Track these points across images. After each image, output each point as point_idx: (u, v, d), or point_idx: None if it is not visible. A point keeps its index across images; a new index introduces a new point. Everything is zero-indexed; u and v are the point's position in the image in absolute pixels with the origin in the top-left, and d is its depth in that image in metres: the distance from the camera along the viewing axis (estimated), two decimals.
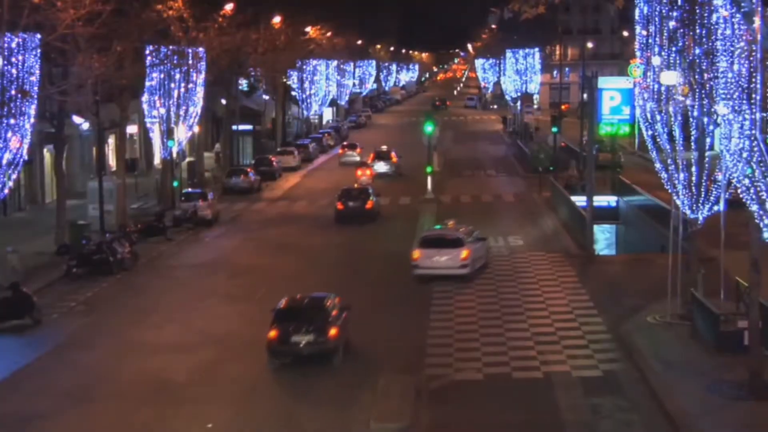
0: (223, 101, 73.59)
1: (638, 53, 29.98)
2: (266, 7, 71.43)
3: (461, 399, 24.31)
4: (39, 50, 32.82)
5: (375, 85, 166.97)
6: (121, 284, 37.42)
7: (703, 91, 27.26)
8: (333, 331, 26.45)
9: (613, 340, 28.55)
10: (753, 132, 21.42)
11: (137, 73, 49.88)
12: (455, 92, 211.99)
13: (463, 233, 37.53)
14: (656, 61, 28.63)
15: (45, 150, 55.13)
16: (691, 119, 27.95)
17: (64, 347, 29.49)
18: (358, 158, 75.70)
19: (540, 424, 22.89)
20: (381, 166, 68.41)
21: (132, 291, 36.47)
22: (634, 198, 51.82)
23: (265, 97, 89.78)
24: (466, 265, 36.23)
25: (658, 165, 29.43)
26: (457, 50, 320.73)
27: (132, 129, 67.61)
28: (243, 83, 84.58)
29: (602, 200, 52.92)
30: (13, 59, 30.09)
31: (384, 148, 72.68)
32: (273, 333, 26.31)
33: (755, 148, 21.41)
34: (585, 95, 59.13)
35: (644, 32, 29.06)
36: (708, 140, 28.37)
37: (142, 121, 61.27)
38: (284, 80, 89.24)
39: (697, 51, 27.14)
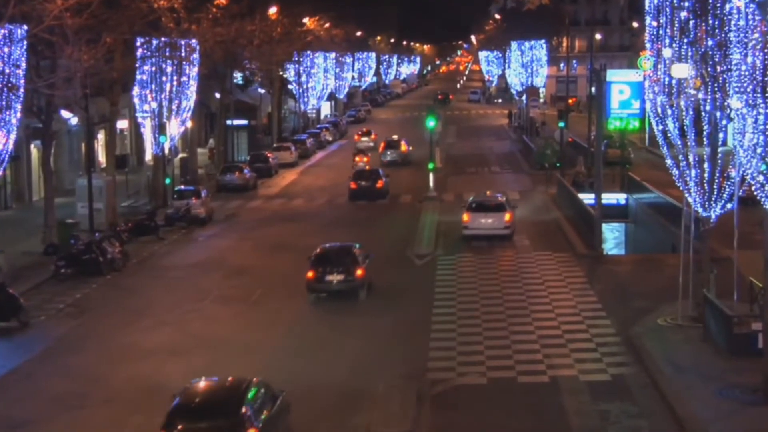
0: (217, 95, 73.64)
1: (648, 45, 30.00)
2: None
3: (464, 404, 24.34)
4: (25, 42, 32.85)
5: (375, 79, 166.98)
6: (111, 285, 37.44)
7: (715, 85, 27.26)
8: (359, 272, 33.68)
9: (622, 343, 28.58)
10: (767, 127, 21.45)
11: (128, 66, 49.89)
12: (458, 86, 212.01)
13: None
14: (667, 53, 28.65)
15: (32, 146, 55.16)
16: (703, 114, 27.95)
17: (52, 351, 29.51)
18: (372, 144, 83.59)
19: (546, 430, 22.94)
20: (389, 154, 73.62)
21: (123, 292, 36.50)
22: (644, 195, 51.85)
23: (261, 90, 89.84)
24: (509, 227, 43.71)
25: (669, 161, 29.46)
26: (460, 42, 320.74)
27: (122, 124, 67.69)
28: (238, 76, 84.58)
29: (611, 198, 52.95)
30: None
31: (395, 137, 77.90)
32: (311, 274, 33.66)
33: None
34: (593, 89, 59.16)
35: (654, 23, 29.08)
36: (721, 135, 28.38)
37: (133, 116, 61.39)
38: (281, 73, 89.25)
39: (710, 42, 27.16)
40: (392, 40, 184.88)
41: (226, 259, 42.30)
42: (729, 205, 28.27)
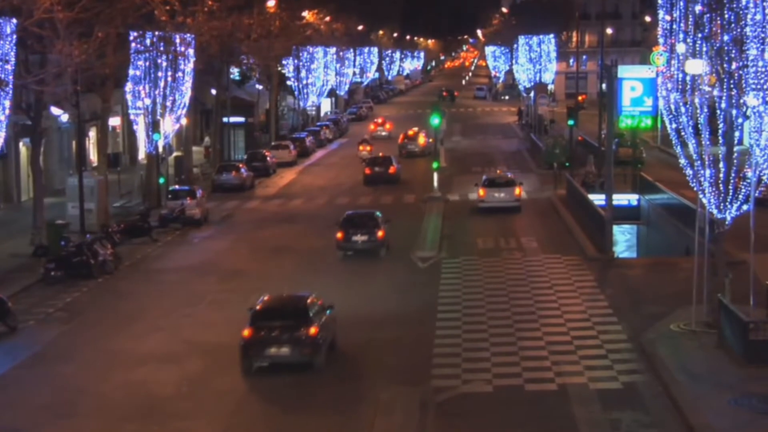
0: (213, 91, 73.64)
1: (661, 40, 29.99)
2: None
3: (469, 413, 24.34)
4: (15, 36, 32.89)
5: (377, 74, 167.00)
6: (102, 289, 37.46)
7: (731, 81, 27.25)
8: (380, 233, 41.23)
9: (634, 349, 28.56)
10: None
11: (120, 61, 49.93)
12: (463, 82, 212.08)
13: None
14: (681, 48, 28.63)
15: (21, 144, 55.19)
16: (718, 111, 27.94)
17: (41, 357, 29.52)
18: (386, 134, 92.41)
19: None
20: (409, 146, 79.29)
21: (114, 296, 36.51)
22: (657, 196, 51.84)
23: (259, 87, 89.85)
24: (519, 199, 52.40)
25: (682, 161, 29.42)
26: (465, 36, 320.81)
27: (115, 121, 67.74)
28: (234, 72, 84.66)
29: (622, 199, 52.91)
30: None
31: (415, 129, 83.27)
32: (340, 234, 41.27)
33: None
34: (604, 85, 59.13)
35: (668, 17, 29.06)
36: (737, 134, 28.37)
37: (126, 113, 61.37)
38: (279, 69, 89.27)
39: (726, 37, 27.15)
40: (395, 35, 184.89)
41: (222, 261, 42.32)
42: (745, 207, 28.24)
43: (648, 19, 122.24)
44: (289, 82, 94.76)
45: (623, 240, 54.50)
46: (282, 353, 26.64)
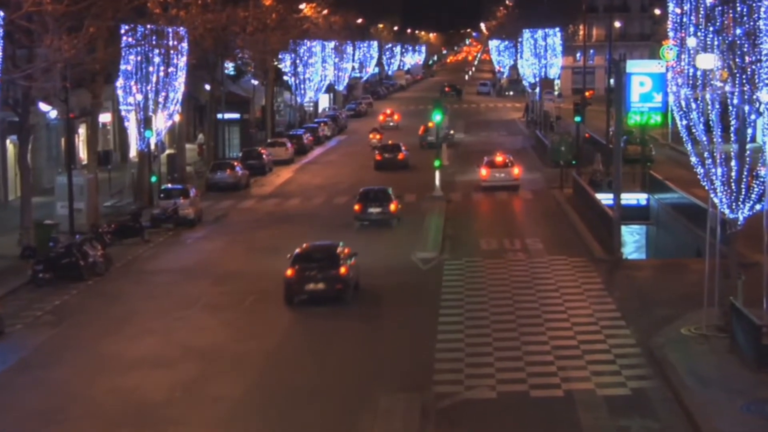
0: (207, 87, 73.68)
1: (671, 34, 30.02)
2: None
3: (472, 420, 24.36)
4: (2, 30, 32.89)
5: (377, 69, 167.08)
6: (92, 291, 37.49)
7: (743, 76, 27.28)
8: (393, 207, 48.61)
9: (643, 354, 28.59)
10: None
11: (111, 56, 49.95)
12: (467, 77, 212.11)
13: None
14: (691, 42, 28.67)
15: (8, 141, 55.19)
16: (730, 107, 27.97)
17: (29, 361, 29.55)
18: (392, 124, 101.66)
19: None
20: (428, 137, 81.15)
21: (105, 299, 36.54)
22: (667, 196, 51.88)
23: (254, 82, 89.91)
24: (518, 179, 59.90)
25: (693, 159, 29.47)
26: (468, 30, 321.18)
27: (105, 118, 67.75)
28: (229, 67, 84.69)
29: (631, 198, 52.96)
30: None
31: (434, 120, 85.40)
32: (357, 207, 48.43)
33: None
34: (612, 81, 59.17)
35: (678, 10, 29.10)
36: (749, 131, 28.39)
37: (117, 109, 61.43)
38: (275, 63, 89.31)
39: (738, 31, 27.17)
40: (396, 28, 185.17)
41: (216, 263, 42.34)
42: (758, 206, 28.26)
43: (657, 12, 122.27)
44: (285, 78, 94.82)
45: (632, 241, 54.53)
46: (318, 288, 33.80)
